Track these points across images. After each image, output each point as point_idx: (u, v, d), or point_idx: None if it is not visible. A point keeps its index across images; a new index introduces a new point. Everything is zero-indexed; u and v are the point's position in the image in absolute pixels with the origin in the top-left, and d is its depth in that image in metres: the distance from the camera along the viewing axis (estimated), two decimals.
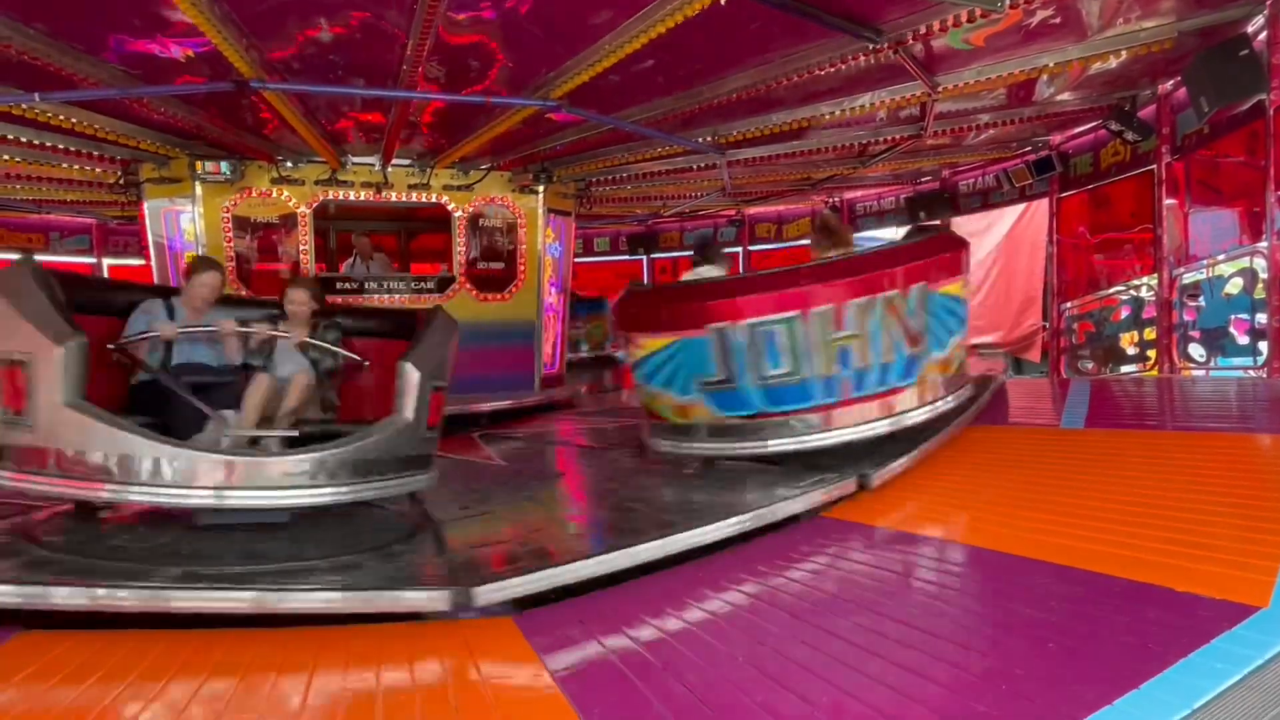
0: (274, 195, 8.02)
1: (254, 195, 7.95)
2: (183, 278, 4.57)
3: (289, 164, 7.97)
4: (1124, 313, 8.33)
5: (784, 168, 9.54)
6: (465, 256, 8.70)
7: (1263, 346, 6.19)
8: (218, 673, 2.52)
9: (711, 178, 9.75)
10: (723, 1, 4.64)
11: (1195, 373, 7.12)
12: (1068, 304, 9.39)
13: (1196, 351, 7.16)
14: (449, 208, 8.62)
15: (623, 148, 8.24)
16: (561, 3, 4.90)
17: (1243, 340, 6.57)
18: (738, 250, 14.66)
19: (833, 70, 5.89)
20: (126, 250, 13.04)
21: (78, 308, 3.84)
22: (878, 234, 12.79)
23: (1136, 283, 8.23)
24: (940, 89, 6.57)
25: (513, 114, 6.67)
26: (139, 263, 10.78)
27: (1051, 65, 6.28)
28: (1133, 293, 8.21)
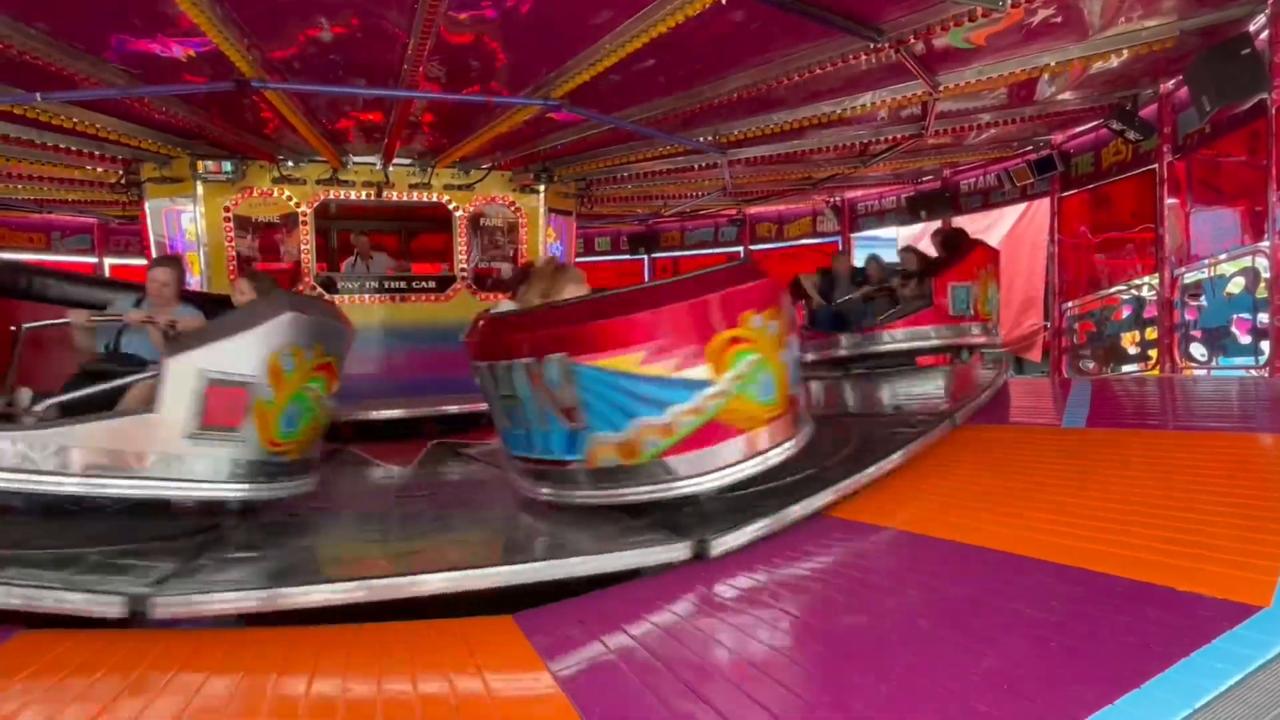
0: (275, 195, 8.02)
1: (255, 195, 7.95)
2: None
3: (290, 163, 7.97)
4: (1125, 312, 8.32)
5: (785, 167, 9.53)
6: (468, 257, 8.70)
7: (1264, 346, 6.18)
8: (219, 672, 2.52)
9: (712, 177, 9.74)
10: (724, 1, 4.64)
11: (1197, 372, 7.11)
12: (1069, 303, 9.38)
13: (1198, 351, 7.15)
14: (450, 207, 8.62)
15: (624, 147, 8.24)
16: (562, 2, 4.89)
17: (1244, 340, 6.56)
18: (738, 249, 14.65)
19: (834, 70, 5.89)
20: (128, 250, 13.04)
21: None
22: (878, 234, 12.80)
23: (1138, 282, 8.22)
24: (941, 88, 6.56)
25: (514, 113, 6.66)
26: (141, 262, 10.80)
27: (1053, 64, 6.27)
28: (1134, 292, 8.19)
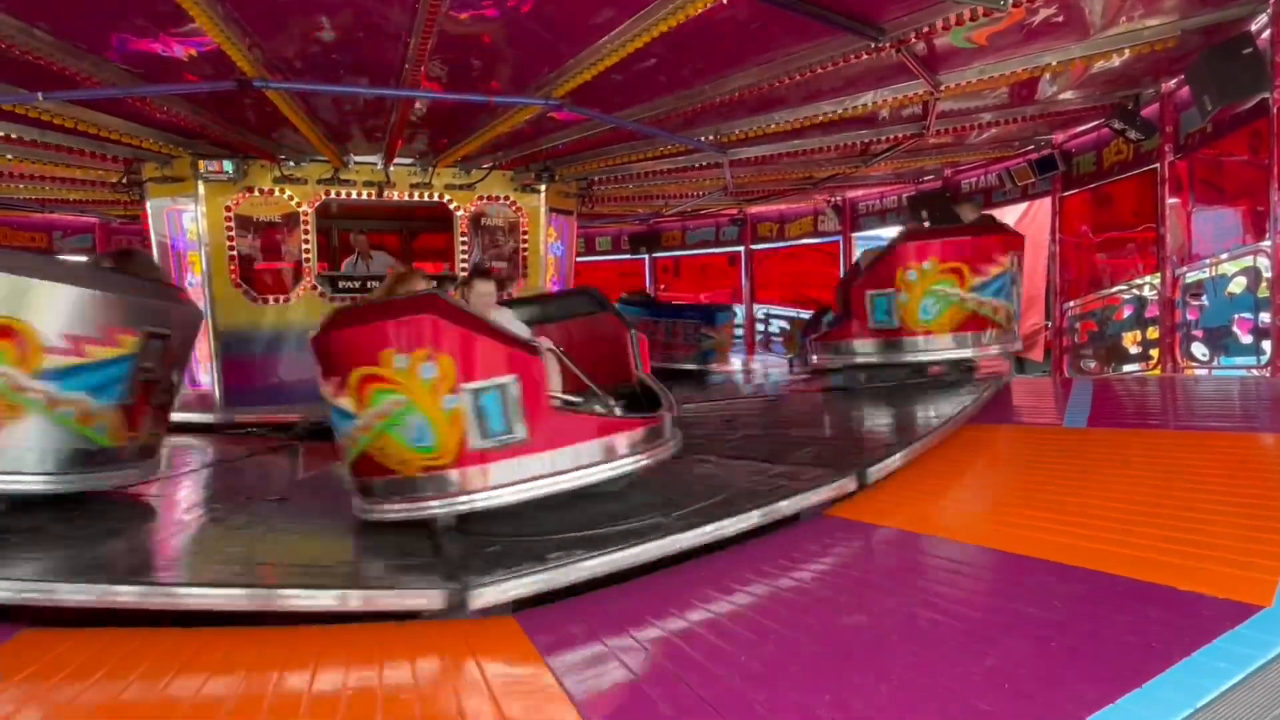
0: (276, 194, 8.02)
1: (256, 194, 7.96)
2: None
3: (291, 163, 7.97)
4: (1127, 312, 8.30)
5: (786, 167, 9.52)
6: (469, 257, 8.70)
7: (1266, 346, 6.17)
8: (220, 671, 2.53)
9: (713, 177, 9.74)
10: (725, 0, 4.64)
11: (1198, 372, 7.10)
12: (1070, 303, 9.37)
13: (1199, 351, 7.14)
14: (451, 207, 8.62)
15: (625, 147, 8.23)
16: (563, 2, 4.89)
17: (1246, 339, 6.55)
18: (739, 249, 14.65)
19: (835, 69, 5.88)
20: None
21: None
22: (879, 233, 12.79)
23: (1139, 282, 8.20)
24: (942, 88, 6.55)
25: (515, 113, 6.66)
26: None
27: (1054, 64, 6.26)
28: (1135, 292, 8.18)
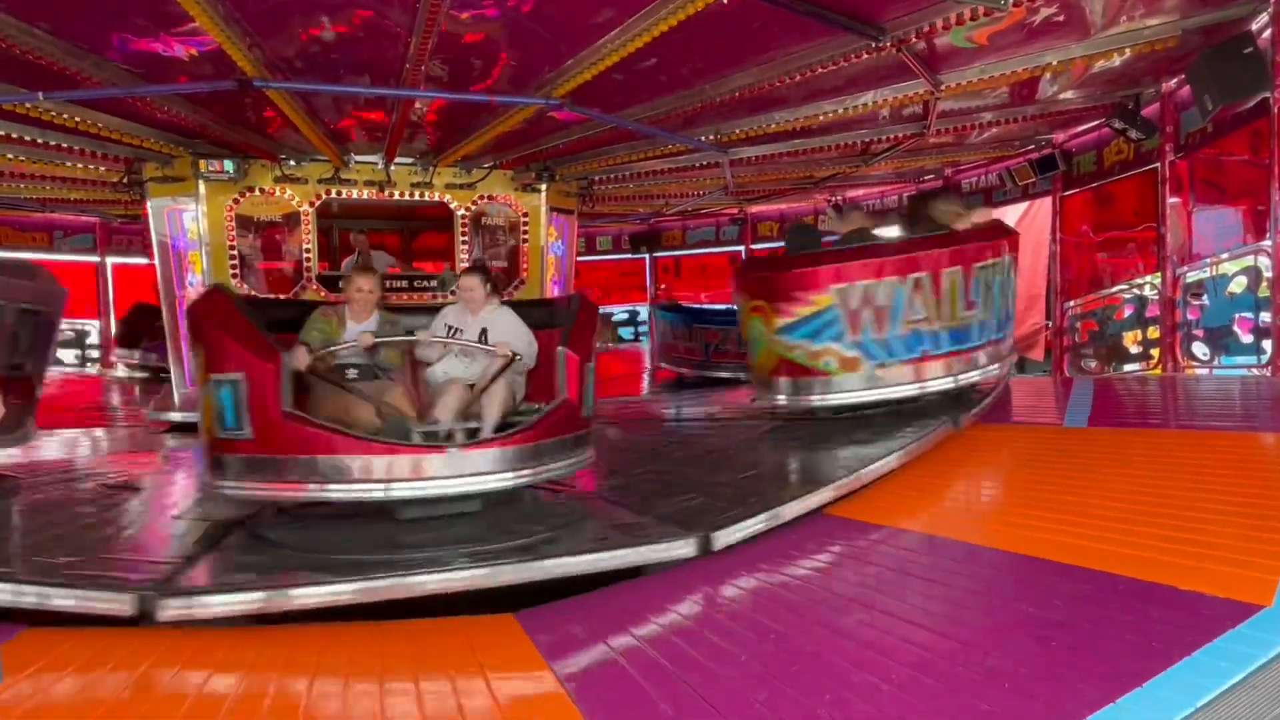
0: (277, 194, 8.02)
1: (257, 194, 7.95)
2: None
3: (292, 162, 7.97)
4: (1127, 311, 8.30)
5: (786, 166, 9.52)
6: (469, 256, 8.70)
7: (1267, 345, 6.17)
8: (221, 671, 2.53)
9: (714, 176, 9.73)
10: (725, 0, 4.63)
11: (1199, 371, 7.10)
12: (1071, 302, 9.37)
13: (1200, 350, 7.14)
14: (451, 206, 8.62)
15: (625, 146, 8.23)
16: (564, 1, 4.89)
17: (1246, 339, 6.55)
18: (740, 249, 14.67)
19: (835, 69, 5.87)
20: (130, 249, 13.07)
21: None
22: (879, 233, 12.75)
23: (1140, 281, 8.20)
24: (943, 87, 6.55)
25: (515, 112, 6.65)
26: (143, 261, 10.83)
27: (1055, 63, 6.25)
28: (1136, 291, 8.18)
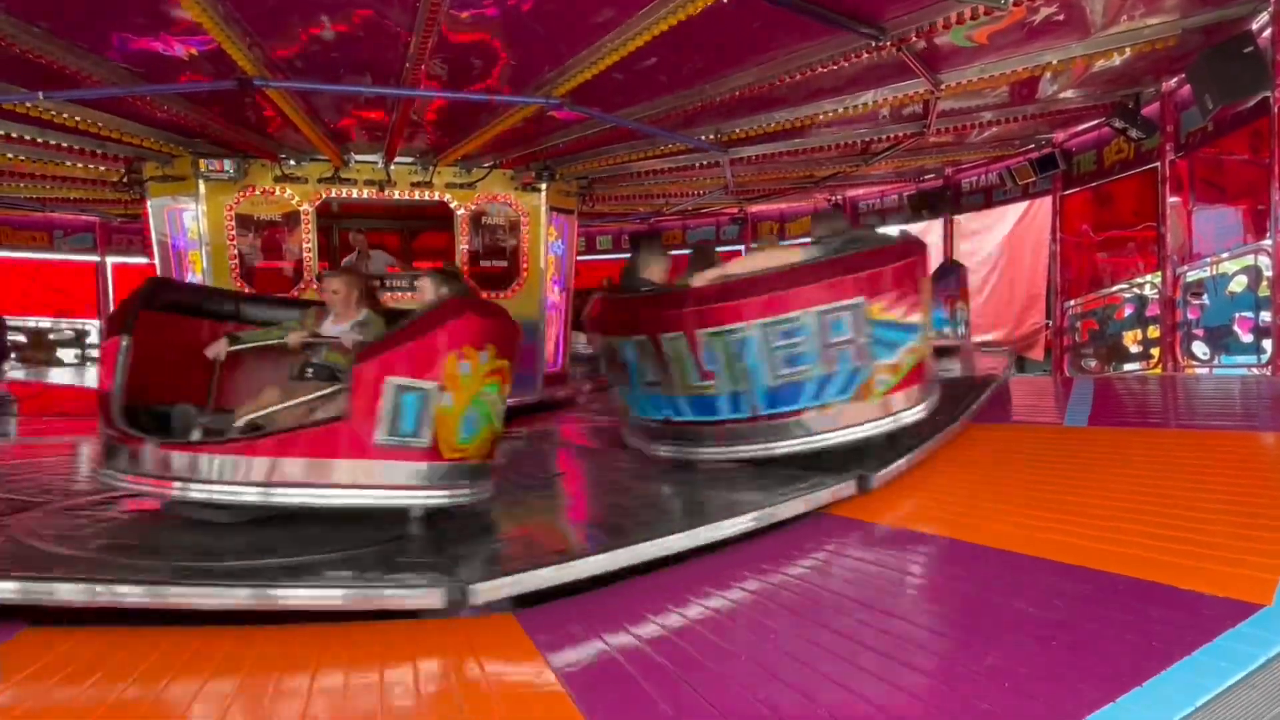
0: (277, 193, 8.02)
1: (257, 193, 7.96)
2: None
3: (292, 162, 7.97)
4: (1127, 311, 8.30)
5: (787, 165, 9.52)
6: (467, 254, 8.70)
7: (1266, 345, 6.17)
8: (221, 671, 2.53)
9: (714, 175, 9.73)
10: (725, 0, 4.63)
11: (1199, 371, 7.10)
12: (1071, 302, 9.37)
13: (1200, 350, 7.14)
14: (451, 206, 8.62)
15: (625, 146, 8.23)
16: (564, 1, 4.89)
17: (1246, 338, 6.55)
18: (740, 248, 14.65)
19: (835, 68, 5.87)
20: (130, 249, 13.05)
21: None
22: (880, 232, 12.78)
23: (1140, 281, 8.20)
24: (943, 86, 6.55)
25: (515, 112, 6.66)
26: (143, 261, 10.82)
27: (1055, 63, 6.25)
28: (1136, 291, 8.18)
